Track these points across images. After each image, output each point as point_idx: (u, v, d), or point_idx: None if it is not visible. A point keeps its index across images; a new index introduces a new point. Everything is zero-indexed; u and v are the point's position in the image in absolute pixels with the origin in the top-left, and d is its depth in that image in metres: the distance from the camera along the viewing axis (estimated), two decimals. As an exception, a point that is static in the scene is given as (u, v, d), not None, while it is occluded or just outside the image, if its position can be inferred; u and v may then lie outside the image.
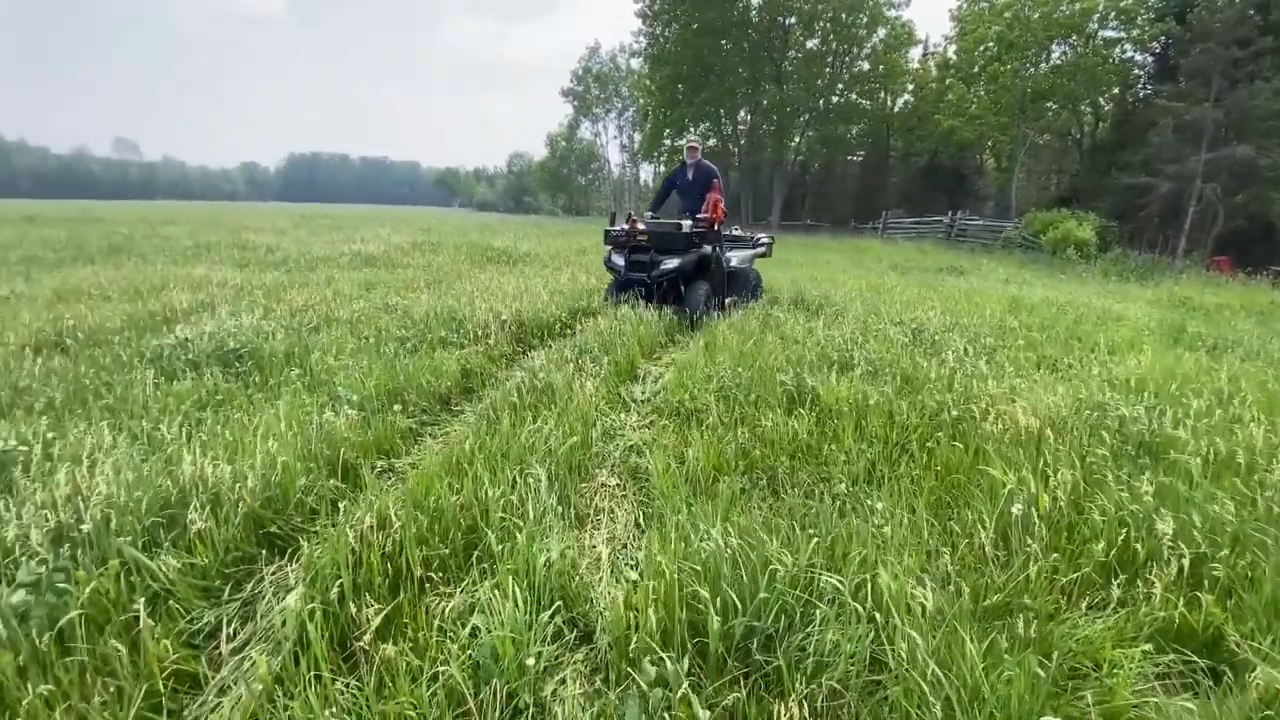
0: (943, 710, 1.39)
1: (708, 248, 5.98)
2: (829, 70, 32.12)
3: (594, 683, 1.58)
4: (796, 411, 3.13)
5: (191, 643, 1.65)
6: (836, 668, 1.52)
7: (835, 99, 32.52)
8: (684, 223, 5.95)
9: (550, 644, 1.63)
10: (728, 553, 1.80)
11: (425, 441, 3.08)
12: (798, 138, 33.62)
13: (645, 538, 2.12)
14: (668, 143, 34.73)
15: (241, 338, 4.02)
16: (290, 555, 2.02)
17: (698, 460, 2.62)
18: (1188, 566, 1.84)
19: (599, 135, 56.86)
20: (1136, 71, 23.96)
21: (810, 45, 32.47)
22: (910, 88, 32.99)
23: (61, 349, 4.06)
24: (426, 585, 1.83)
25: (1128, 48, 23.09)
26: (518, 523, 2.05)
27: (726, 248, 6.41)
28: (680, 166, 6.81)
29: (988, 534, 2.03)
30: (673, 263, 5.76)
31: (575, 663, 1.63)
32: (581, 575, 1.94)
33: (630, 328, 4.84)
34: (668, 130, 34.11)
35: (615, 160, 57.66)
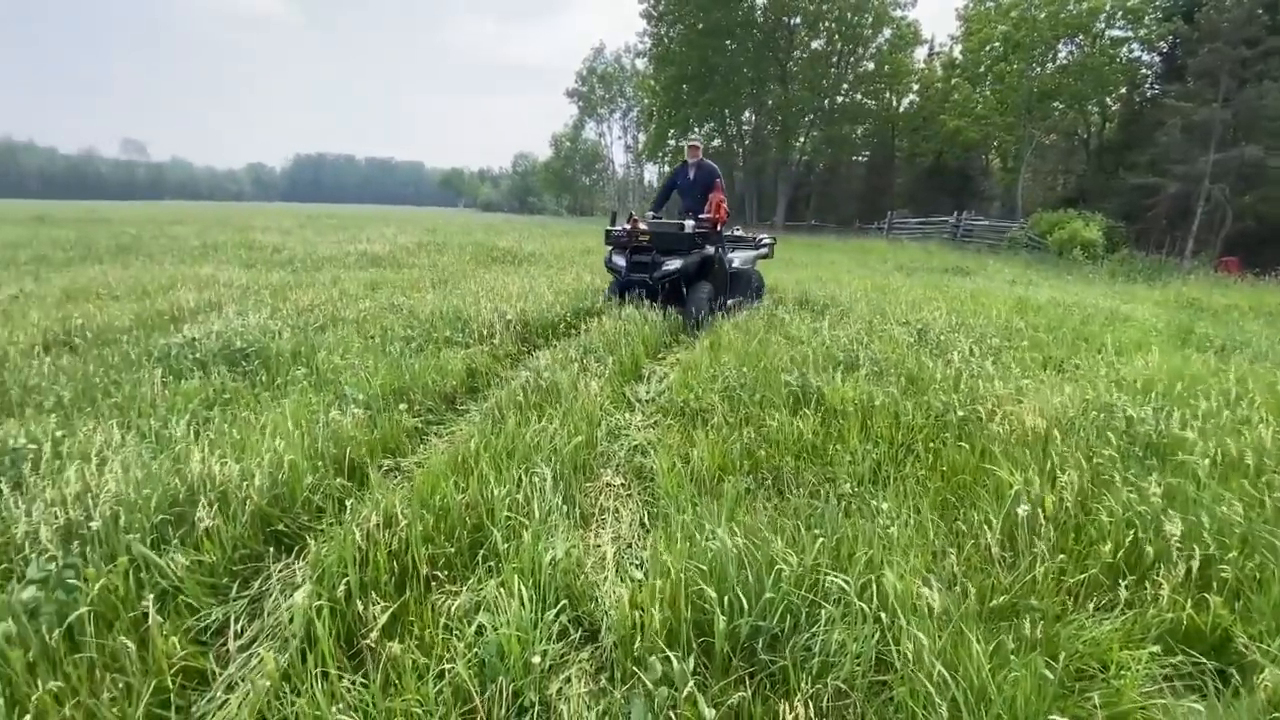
0: (949, 711, 1.39)
1: (710, 248, 5.91)
2: (834, 70, 32.00)
3: (599, 681, 1.58)
4: (801, 412, 3.12)
5: (199, 639, 1.66)
6: (842, 668, 1.52)
7: (840, 99, 32.45)
8: (686, 223, 5.88)
9: (556, 642, 1.63)
10: (733, 552, 1.80)
11: (431, 440, 3.09)
12: (802, 138, 33.54)
13: (650, 537, 2.12)
14: (672, 143, 34.63)
15: (248, 337, 4.04)
16: (297, 553, 2.04)
17: (703, 460, 2.62)
18: (1196, 568, 1.83)
19: (603, 136, 57.04)
20: (1144, 71, 23.80)
21: (815, 45, 32.40)
22: (916, 88, 32.85)
23: (70, 348, 4.09)
24: (432, 583, 1.84)
25: (1135, 47, 22.93)
26: (523, 521, 2.05)
27: (729, 248, 6.36)
28: (681, 166, 6.68)
29: (994, 535, 2.02)
30: (675, 263, 5.68)
31: (580, 661, 1.63)
32: (587, 574, 1.94)
33: (635, 327, 4.84)
34: (672, 130, 34.03)
35: (620, 161, 57.75)
